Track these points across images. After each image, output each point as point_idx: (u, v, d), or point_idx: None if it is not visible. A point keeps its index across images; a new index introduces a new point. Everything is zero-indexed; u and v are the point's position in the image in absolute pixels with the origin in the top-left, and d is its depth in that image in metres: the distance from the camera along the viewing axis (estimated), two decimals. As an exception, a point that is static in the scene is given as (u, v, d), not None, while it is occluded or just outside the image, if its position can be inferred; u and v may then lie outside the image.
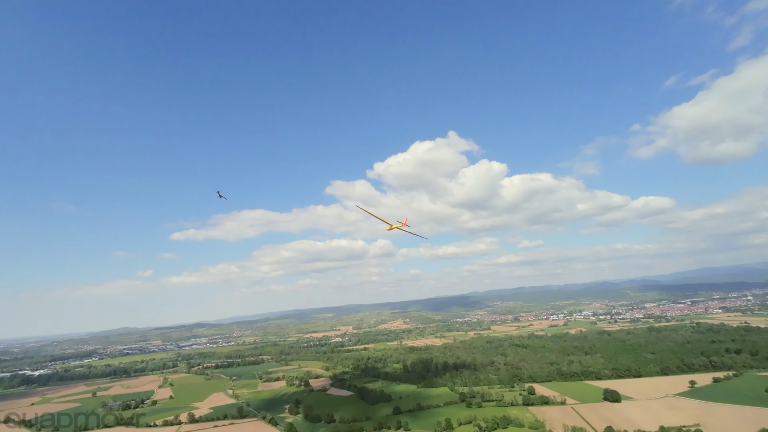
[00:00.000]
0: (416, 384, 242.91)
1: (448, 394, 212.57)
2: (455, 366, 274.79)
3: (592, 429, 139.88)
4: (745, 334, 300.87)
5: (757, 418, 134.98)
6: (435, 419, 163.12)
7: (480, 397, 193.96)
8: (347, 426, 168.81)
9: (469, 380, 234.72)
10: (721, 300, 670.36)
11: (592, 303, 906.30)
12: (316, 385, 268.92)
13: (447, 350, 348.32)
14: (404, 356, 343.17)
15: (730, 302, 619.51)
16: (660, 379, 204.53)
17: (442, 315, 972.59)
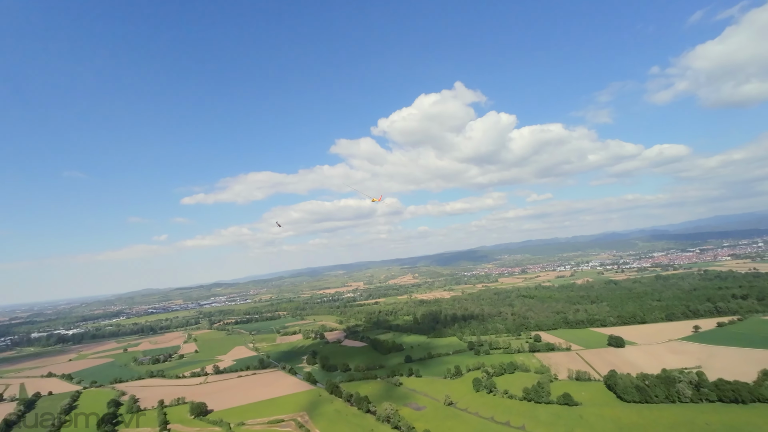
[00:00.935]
0: (426, 335, 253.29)
1: (456, 343, 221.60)
2: (463, 317, 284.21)
3: (596, 372, 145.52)
4: (753, 279, 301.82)
5: (759, 358, 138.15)
6: (445, 366, 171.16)
7: (488, 346, 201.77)
8: (362, 374, 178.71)
9: (477, 330, 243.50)
10: (731, 247, 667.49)
11: (599, 254, 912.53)
12: (330, 337, 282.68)
13: (455, 302, 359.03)
14: (414, 309, 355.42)
15: (740, 249, 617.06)
16: (664, 325, 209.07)
17: (451, 269, 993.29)
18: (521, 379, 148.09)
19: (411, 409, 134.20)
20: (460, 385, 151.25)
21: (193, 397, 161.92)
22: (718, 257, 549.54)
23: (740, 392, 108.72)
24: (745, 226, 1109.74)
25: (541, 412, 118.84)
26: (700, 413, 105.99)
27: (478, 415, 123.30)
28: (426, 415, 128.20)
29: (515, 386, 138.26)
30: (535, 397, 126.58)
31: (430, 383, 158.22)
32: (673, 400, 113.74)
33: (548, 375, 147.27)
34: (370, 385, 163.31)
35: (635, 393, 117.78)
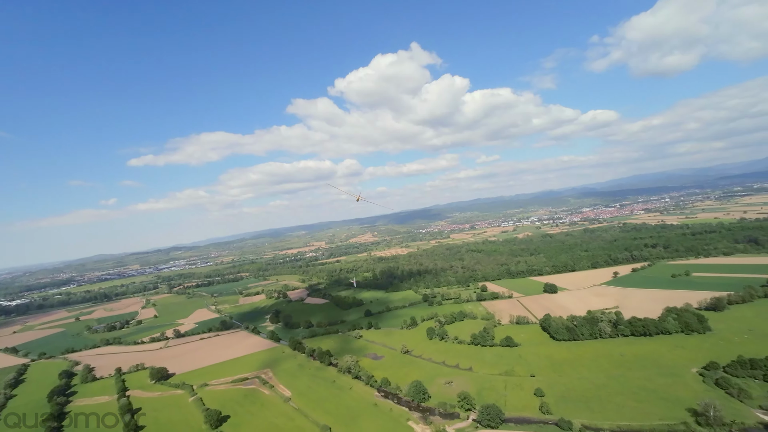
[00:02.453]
0: (384, 289, 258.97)
1: (412, 296, 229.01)
2: (419, 272, 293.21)
3: (533, 316, 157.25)
4: (661, 230, 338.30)
5: (663, 297, 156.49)
6: (401, 318, 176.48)
7: (440, 297, 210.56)
8: (324, 329, 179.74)
9: (431, 283, 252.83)
10: (645, 203, 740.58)
11: (538, 210, 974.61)
12: (293, 296, 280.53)
13: (411, 258, 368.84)
14: (373, 266, 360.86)
15: (652, 204, 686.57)
16: (590, 272, 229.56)
17: (407, 227, 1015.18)
18: (470, 325, 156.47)
19: (370, 359, 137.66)
20: (415, 335, 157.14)
21: (154, 362, 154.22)
22: (634, 211, 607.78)
23: (648, 327, 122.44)
24: (657, 183, 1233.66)
25: (487, 354, 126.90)
26: (616, 346, 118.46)
27: (431, 360, 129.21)
28: (384, 364, 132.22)
29: (464, 332, 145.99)
30: (481, 341, 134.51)
31: (388, 334, 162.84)
32: (596, 336, 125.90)
33: (493, 321, 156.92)
34: (331, 340, 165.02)
35: (565, 333, 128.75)
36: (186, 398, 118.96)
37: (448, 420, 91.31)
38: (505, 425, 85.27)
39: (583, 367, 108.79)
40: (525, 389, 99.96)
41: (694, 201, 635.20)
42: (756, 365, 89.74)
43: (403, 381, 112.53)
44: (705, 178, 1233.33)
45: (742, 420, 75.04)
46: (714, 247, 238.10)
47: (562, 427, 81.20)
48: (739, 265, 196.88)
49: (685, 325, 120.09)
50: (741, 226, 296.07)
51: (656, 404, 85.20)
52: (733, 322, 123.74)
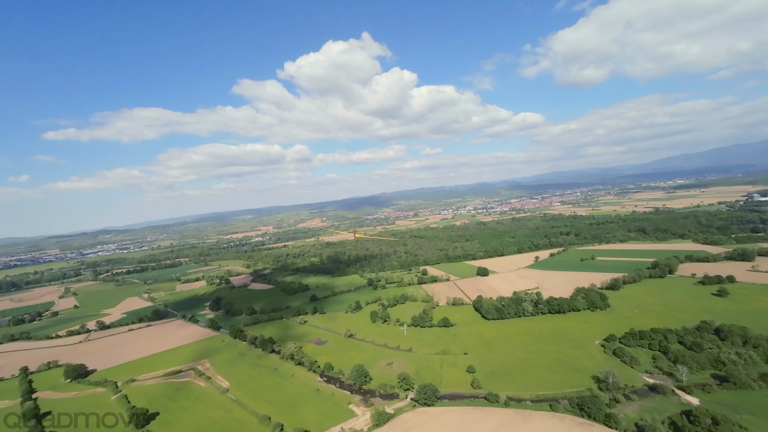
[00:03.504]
0: (331, 274, 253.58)
1: (358, 280, 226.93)
2: (365, 257, 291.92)
3: (467, 298, 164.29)
4: (574, 220, 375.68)
5: (574, 278, 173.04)
6: (347, 303, 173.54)
7: (384, 281, 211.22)
8: (268, 316, 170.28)
9: (376, 267, 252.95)
10: (561, 196, 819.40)
11: (474, 200, 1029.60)
12: (236, 282, 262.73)
13: (358, 244, 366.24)
14: (321, 251, 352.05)
15: (566, 197, 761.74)
16: (517, 257, 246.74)
17: (355, 213, 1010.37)
18: (411, 308, 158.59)
19: (314, 344, 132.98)
20: (359, 318, 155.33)
21: (70, 358, 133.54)
22: (552, 203, 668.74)
23: (562, 305, 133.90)
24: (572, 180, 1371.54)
25: (426, 335, 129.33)
26: (537, 323, 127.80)
27: (374, 343, 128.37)
28: (328, 348, 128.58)
29: (406, 315, 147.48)
30: (420, 322, 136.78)
31: (332, 319, 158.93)
32: (520, 315, 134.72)
33: (432, 303, 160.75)
34: (275, 326, 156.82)
35: (494, 312, 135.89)
36: (108, 397, 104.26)
37: (388, 401, 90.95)
38: (440, 402, 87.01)
39: (509, 343, 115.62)
40: (459, 366, 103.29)
41: (599, 196, 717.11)
42: (643, 336, 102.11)
43: (346, 365, 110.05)
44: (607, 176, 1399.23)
45: (632, 383, 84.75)
46: (613, 235, 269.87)
47: (490, 400, 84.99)
48: (631, 250, 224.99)
49: (590, 302, 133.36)
50: (633, 218, 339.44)
51: (568, 374, 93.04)
52: (626, 299, 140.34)
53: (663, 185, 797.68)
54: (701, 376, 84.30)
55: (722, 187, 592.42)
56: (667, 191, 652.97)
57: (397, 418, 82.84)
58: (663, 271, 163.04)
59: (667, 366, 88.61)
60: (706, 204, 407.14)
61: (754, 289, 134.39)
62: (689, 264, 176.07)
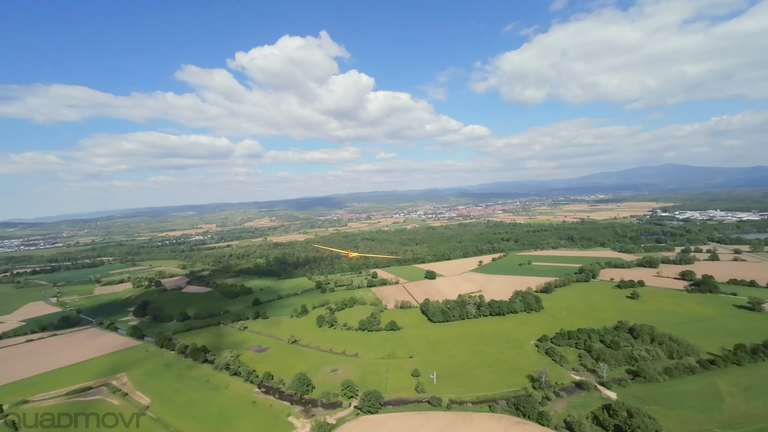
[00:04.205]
0: (277, 277, 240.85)
1: (306, 283, 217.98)
2: (314, 259, 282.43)
3: (415, 301, 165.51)
4: (513, 227, 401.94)
5: (513, 282, 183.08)
6: (292, 307, 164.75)
7: (333, 284, 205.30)
8: (203, 321, 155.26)
9: (326, 270, 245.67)
10: (503, 204, 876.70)
11: (424, 205, 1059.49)
12: (169, 284, 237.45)
13: (308, 244, 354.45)
14: (268, 252, 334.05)
15: (508, 206, 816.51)
16: (462, 261, 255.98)
17: (307, 214, 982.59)
18: (359, 311, 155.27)
19: (254, 352, 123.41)
20: (305, 323, 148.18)
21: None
22: (495, 211, 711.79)
23: (502, 308, 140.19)
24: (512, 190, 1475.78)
25: (372, 339, 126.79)
26: (479, 325, 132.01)
27: (319, 348, 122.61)
28: (269, 356, 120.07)
29: (354, 319, 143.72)
30: (368, 326, 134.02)
31: (276, 324, 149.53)
32: (464, 317, 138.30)
33: (380, 306, 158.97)
34: (210, 333, 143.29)
35: (440, 315, 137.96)
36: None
37: (331, 410, 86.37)
38: (384, 409, 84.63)
39: (453, 345, 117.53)
40: (404, 370, 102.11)
41: (535, 206, 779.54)
42: (571, 336, 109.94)
43: (288, 373, 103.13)
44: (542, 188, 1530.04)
45: (562, 381, 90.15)
46: (547, 242, 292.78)
47: (433, 404, 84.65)
48: (562, 256, 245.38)
49: (527, 305, 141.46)
50: (563, 227, 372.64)
51: (506, 374, 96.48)
52: (558, 301, 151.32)
53: (587, 199, 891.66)
54: (618, 372, 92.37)
55: (633, 203, 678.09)
56: (590, 204, 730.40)
57: (339, 429, 78.73)
58: (588, 276, 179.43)
59: (591, 363, 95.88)
60: (621, 217, 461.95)
61: (658, 292, 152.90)
62: (609, 269, 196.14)
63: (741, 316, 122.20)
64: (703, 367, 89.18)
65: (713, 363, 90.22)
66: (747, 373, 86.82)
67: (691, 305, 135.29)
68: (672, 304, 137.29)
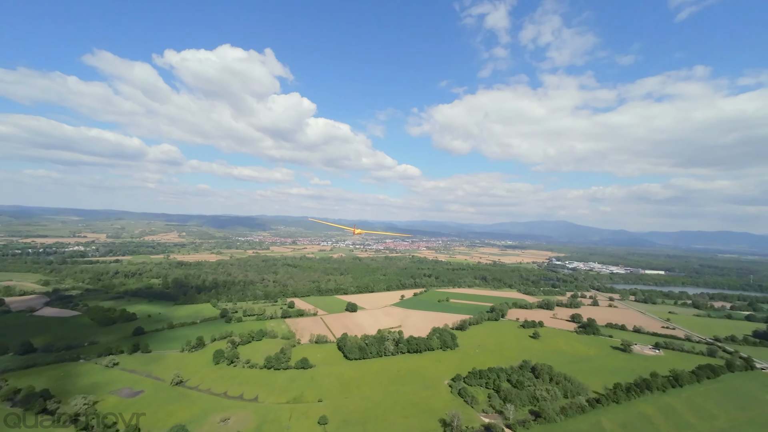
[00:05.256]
0: (174, 301, 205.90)
1: (209, 310, 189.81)
2: (225, 283, 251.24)
3: (333, 335, 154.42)
4: (435, 264, 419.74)
5: (432, 318, 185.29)
6: (186, 338, 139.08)
7: (242, 313, 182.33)
8: (54, 356, 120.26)
9: (236, 296, 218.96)
10: (427, 242, 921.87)
11: (354, 235, 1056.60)
12: (17, 304, 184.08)
13: (219, 267, 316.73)
14: (167, 271, 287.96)
15: (431, 244, 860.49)
16: (385, 294, 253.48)
17: (225, 232, 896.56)
18: (268, 346, 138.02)
19: (121, 396, 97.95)
20: (199, 359, 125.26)
21: None
22: (420, 247, 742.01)
23: (419, 345, 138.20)
24: (436, 229, 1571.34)
25: (279, 379, 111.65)
26: (396, 363, 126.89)
27: (210, 391, 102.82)
28: (142, 402, 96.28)
29: (259, 354, 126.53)
30: (275, 364, 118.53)
31: (159, 360, 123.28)
32: (381, 354, 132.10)
33: (293, 340, 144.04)
34: (63, 371, 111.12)
35: (357, 351, 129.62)
36: None
37: (211, 473, 69.97)
38: (280, 467, 71.69)
39: (367, 385, 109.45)
40: (310, 417, 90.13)
41: (455, 245, 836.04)
42: (482, 375, 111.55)
43: (163, 425, 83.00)
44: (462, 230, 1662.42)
45: (472, 424, 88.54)
46: (464, 281, 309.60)
47: (339, 457, 74.78)
48: (476, 295, 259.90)
49: (443, 342, 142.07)
50: (478, 267, 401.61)
51: (419, 417, 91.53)
52: (471, 338, 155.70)
53: (499, 243, 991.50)
54: (522, 413, 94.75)
55: (535, 251, 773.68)
56: (501, 249, 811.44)
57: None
58: (498, 315, 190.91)
59: (499, 404, 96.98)
60: (526, 262, 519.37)
61: (554, 333, 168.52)
62: (515, 309, 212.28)
63: (616, 356, 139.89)
64: (591, 405, 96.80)
65: (598, 401, 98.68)
66: (624, 411, 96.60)
67: (580, 345, 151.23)
68: (565, 345, 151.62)
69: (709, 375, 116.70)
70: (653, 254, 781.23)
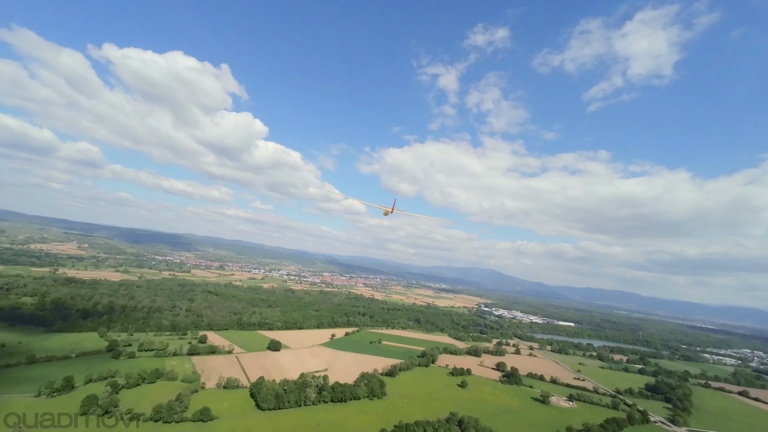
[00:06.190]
0: (47, 327, 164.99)
1: (94, 342, 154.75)
2: (123, 308, 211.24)
3: (247, 377, 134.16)
4: (371, 303, 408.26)
5: (362, 361, 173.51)
6: (49, 378, 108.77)
7: (138, 347, 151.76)
8: None
9: (134, 325, 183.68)
10: (365, 279, 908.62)
11: (290, 265, 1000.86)
12: None
13: (122, 288, 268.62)
14: (49, 288, 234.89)
15: (369, 281, 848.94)
16: (314, 332, 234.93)
17: (140, 249, 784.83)
18: (162, 390, 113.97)
19: None
20: (59, 407, 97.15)
21: None
22: (357, 284, 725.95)
23: (345, 393, 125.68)
24: (376, 266, 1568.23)
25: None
26: (316, 414, 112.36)
27: (63, 454, 78.35)
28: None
29: (148, 401, 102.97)
30: (166, 415, 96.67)
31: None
32: (301, 404, 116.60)
33: (196, 384, 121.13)
34: None
35: (272, 400, 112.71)
36: None
37: None
38: None
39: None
40: (198, 488, 72.23)
41: (393, 284, 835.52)
42: (408, 429, 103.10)
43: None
44: (400, 270, 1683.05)
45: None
46: (398, 322, 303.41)
47: None
48: (409, 338, 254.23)
49: (371, 390, 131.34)
50: (413, 309, 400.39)
51: (333, 485, 78.97)
52: (400, 386, 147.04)
53: (434, 286, 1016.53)
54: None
55: (466, 296, 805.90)
56: (435, 291, 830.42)
57: None
58: (428, 361, 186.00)
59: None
60: (457, 307, 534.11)
61: (480, 381, 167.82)
62: (445, 355, 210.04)
63: (536, 408, 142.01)
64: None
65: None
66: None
67: (504, 396, 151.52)
68: (490, 395, 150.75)
69: (615, 429, 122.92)
70: (565, 306, 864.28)
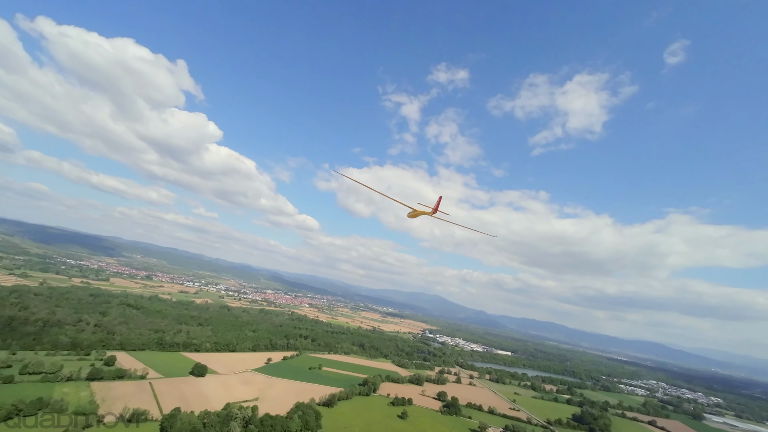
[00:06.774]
0: None
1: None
2: (12, 320, 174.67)
3: (159, 410, 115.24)
4: (314, 324, 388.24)
5: (298, 389, 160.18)
6: None
7: (22, 368, 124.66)
8: None
9: (22, 342, 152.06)
10: (311, 299, 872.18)
11: (230, 280, 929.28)
12: None
13: (13, 295, 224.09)
14: None
15: (315, 301, 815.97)
16: (248, 355, 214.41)
17: (49, 250, 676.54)
18: (43, 426, 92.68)
19: None
20: None
21: None
22: (302, 304, 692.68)
23: (274, 427, 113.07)
24: (324, 286, 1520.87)
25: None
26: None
27: None
28: None
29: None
30: (42, 459, 77.86)
31: None
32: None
33: (91, 417, 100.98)
34: None
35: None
36: None
37: None
38: None
39: (187, 490, 79.61)
40: None
41: (340, 306, 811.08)
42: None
43: None
44: (349, 292, 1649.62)
45: None
46: (341, 346, 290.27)
47: None
48: (351, 364, 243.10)
49: (305, 423, 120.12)
50: (358, 333, 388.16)
51: None
52: (338, 417, 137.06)
53: (381, 310, 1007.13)
54: None
55: (411, 321, 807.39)
56: (382, 315, 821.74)
57: None
58: (369, 390, 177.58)
59: None
60: (402, 332, 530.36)
61: (421, 412, 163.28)
62: (387, 383, 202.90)
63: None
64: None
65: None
66: None
67: (442, 428, 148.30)
68: (430, 426, 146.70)
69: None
70: (503, 336, 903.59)
